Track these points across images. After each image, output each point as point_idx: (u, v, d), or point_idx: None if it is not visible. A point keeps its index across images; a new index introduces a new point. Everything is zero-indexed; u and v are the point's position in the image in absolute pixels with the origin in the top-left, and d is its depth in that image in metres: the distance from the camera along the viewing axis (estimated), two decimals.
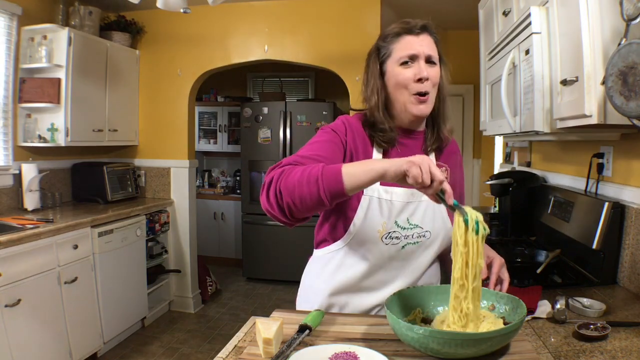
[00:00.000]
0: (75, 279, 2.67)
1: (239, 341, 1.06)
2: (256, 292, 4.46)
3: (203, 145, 5.66)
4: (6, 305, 2.20)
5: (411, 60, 1.15)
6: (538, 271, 1.67)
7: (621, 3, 1.15)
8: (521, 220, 2.36)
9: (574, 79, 1.32)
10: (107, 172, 3.43)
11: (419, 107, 1.17)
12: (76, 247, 2.70)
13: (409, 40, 1.15)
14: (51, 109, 3.08)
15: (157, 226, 3.65)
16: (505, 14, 2.16)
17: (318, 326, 1.07)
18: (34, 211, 2.96)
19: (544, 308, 1.28)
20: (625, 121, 1.17)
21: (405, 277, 1.23)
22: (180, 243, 3.90)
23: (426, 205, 1.21)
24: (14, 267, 2.26)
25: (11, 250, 2.24)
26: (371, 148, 1.21)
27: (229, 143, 5.61)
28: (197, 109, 5.33)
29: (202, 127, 5.65)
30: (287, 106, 4.58)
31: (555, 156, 2.37)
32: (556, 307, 1.22)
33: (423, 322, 1.07)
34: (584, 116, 1.29)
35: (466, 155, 4.63)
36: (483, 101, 2.43)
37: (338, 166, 0.98)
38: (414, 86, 1.15)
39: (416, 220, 1.20)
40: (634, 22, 1.12)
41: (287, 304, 4.00)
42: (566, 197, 1.90)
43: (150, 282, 3.54)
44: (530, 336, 1.10)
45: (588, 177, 1.84)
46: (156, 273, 3.70)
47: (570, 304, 1.32)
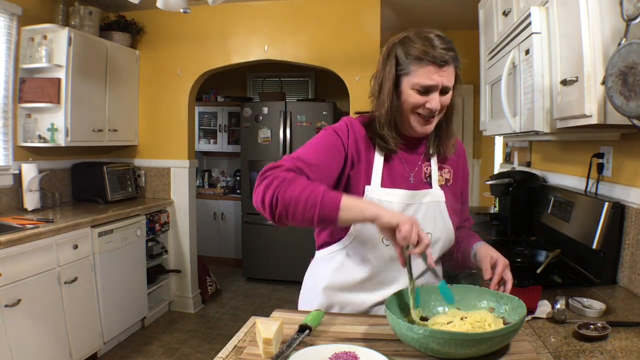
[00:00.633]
0: (75, 279, 2.67)
1: (239, 341, 1.06)
2: (256, 292, 4.46)
3: (203, 145, 5.66)
4: (6, 305, 2.20)
5: (426, 90, 1.11)
6: (538, 271, 1.67)
7: (621, 3, 1.15)
8: (521, 220, 2.36)
9: (574, 79, 1.32)
10: (107, 172, 3.43)
11: (424, 127, 1.18)
12: (76, 247, 2.70)
13: (431, 70, 1.09)
14: (51, 109, 3.08)
15: (157, 226, 3.65)
16: (505, 14, 2.16)
17: (318, 326, 1.07)
18: (34, 211, 2.96)
19: (544, 308, 1.28)
20: (625, 121, 1.17)
21: (405, 279, 1.23)
22: (180, 243, 3.90)
23: (427, 207, 1.21)
24: (14, 267, 2.26)
25: (11, 250, 2.24)
26: (373, 152, 1.21)
27: (229, 143, 5.61)
28: (197, 109, 5.33)
29: (202, 127, 5.65)
30: (287, 106, 4.58)
31: (555, 156, 2.37)
32: (556, 307, 1.22)
33: (423, 320, 1.07)
34: (584, 116, 1.29)
35: (467, 155, 4.62)
36: (483, 101, 2.43)
37: (338, 198, 1.01)
38: (423, 111, 1.14)
39: None
40: (634, 22, 1.12)
41: (287, 304, 4.00)
42: (566, 197, 1.90)
43: (150, 282, 3.54)
44: (530, 336, 1.10)
45: (588, 177, 1.83)
46: (156, 273, 3.70)
47: (570, 304, 1.32)
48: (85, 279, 2.77)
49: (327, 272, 1.28)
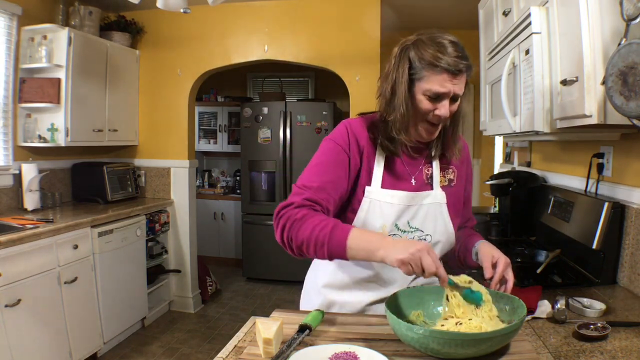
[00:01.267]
0: (75, 279, 2.67)
1: (239, 341, 1.06)
2: (256, 292, 4.46)
3: (203, 145, 5.66)
4: (6, 305, 2.20)
5: (437, 97, 1.10)
6: (538, 271, 1.67)
7: (621, 3, 1.15)
8: (521, 220, 2.35)
9: (574, 79, 1.32)
10: (107, 172, 3.43)
11: (430, 134, 1.18)
12: (76, 247, 2.69)
13: (445, 78, 1.08)
14: (51, 109, 3.08)
15: (157, 226, 3.65)
16: (505, 14, 2.16)
17: (318, 326, 1.07)
18: (34, 211, 2.96)
19: (544, 308, 1.28)
20: (625, 121, 1.17)
21: (406, 278, 1.23)
22: (180, 243, 3.90)
23: (427, 209, 1.21)
24: (14, 267, 2.26)
25: (11, 250, 2.24)
26: (374, 153, 1.20)
27: (229, 143, 5.61)
28: (197, 109, 5.33)
29: (202, 127, 5.65)
30: (287, 106, 4.58)
31: (555, 156, 2.37)
32: (556, 307, 1.22)
33: (423, 323, 1.07)
34: (584, 116, 1.29)
35: (460, 154, 4.62)
36: (483, 101, 2.43)
37: (344, 237, 1.03)
38: (430, 117, 1.13)
39: (417, 223, 1.19)
40: (634, 22, 1.12)
41: (287, 304, 4.00)
42: (566, 197, 1.90)
43: (150, 282, 3.54)
44: (530, 336, 1.10)
45: (588, 177, 1.83)
46: (156, 273, 3.70)
47: (570, 304, 1.32)
48: (85, 279, 2.77)
49: (327, 271, 1.28)
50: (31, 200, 2.97)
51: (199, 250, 4.24)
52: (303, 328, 1.02)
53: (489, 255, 1.17)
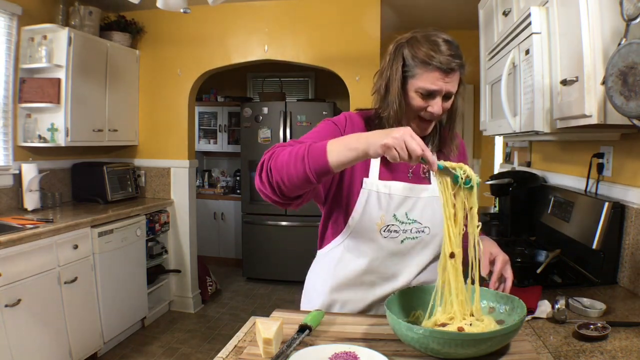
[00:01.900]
0: (75, 279, 2.67)
1: (239, 341, 1.06)
2: (256, 292, 4.46)
3: (203, 145, 5.66)
4: (6, 305, 2.20)
5: (430, 95, 1.12)
6: (538, 271, 1.67)
7: (621, 3, 1.15)
8: (521, 220, 2.36)
9: (574, 79, 1.32)
10: (107, 172, 3.43)
11: (423, 130, 1.19)
12: (76, 247, 2.69)
13: (436, 76, 1.09)
14: (51, 109, 3.08)
15: (157, 226, 3.65)
16: (505, 14, 2.16)
17: (318, 326, 1.07)
18: (34, 211, 2.96)
19: (544, 308, 1.28)
20: (625, 121, 1.17)
21: (405, 273, 1.23)
22: (180, 243, 3.90)
23: (425, 201, 1.21)
24: (14, 267, 2.26)
25: (11, 250, 2.24)
26: None
27: (229, 143, 5.61)
28: (197, 109, 5.33)
29: (202, 127, 5.65)
30: (287, 106, 4.58)
31: (555, 156, 2.37)
32: (556, 307, 1.22)
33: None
34: (584, 116, 1.29)
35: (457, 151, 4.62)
36: (483, 101, 2.43)
37: (323, 143, 0.98)
38: (424, 114, 1.15)
39: (415, 215, 1.20)
40: (634, 22, 1.12)
41: (287, 304, 4.00)
42: (566, 197, 1.90)
43: (150, 282, 3.54)
44: (530, 336, 1.10)
45: (588, 177, 1.83)
46: (156, 273, 3.70)
47: (570, 304, 1.32)
48: (85, 279, 2.77)
49: (327, 269, 1.28)
50: (31, 200, 2.97)
51: (199, 250, 4.24)
52: (303, 328, 1.02)
53: (487, 252, 1.17)
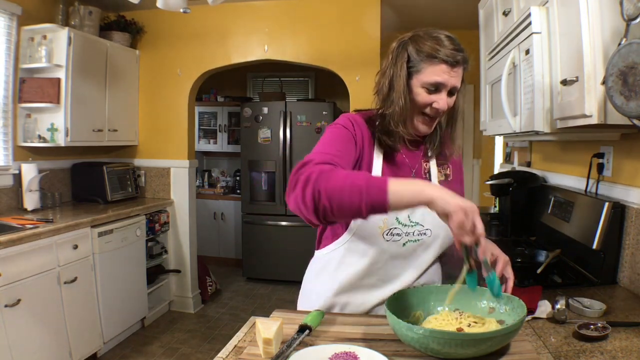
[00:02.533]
0: (75, 279, 2.67)
1: (239, 341, 1.06)
2: (256, 292, 4.46)
3: (203, 145, 5.66)
4: (6, 305, 2.20)
5: (436, 88, 1.12)
6: (538, 271, 1.67)
7: (621, 3, 1.15)
8: (521, 220, 2.35)
9: (574, 79, 1.32)
10: (107, 172, 3.43)
11: (427, 127, 1.19)
12: (76, 247, 2.69)
13: (442, 69, 1.10)
14: (51, 109, 3.08)
15: (157, 226, 3.65)
16: (505, 14, 2.16)
17: (318, 326, 1.07)
18: (34, 211, 2.96)
19: (544, 308, 1.28)
20: (625, 121, 1.17)
21: (406, 276, 1.23)
22: (180, 243, 3.90)
23: None
24: (14, 267, 2.26)
25: (11, 250, 2.24)
26: (373, 148, 1.21)
27: (229, 143, 5.61)
28: (197, 109, 5.33)
29: (202, 127, 5.65)
30: (287, 106, 4.58)
31: (555, 156, 2.37)
32: (556, 307, 1.22)
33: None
34: (584, 116, 1.29)
35: (466, 155, 4.63)
36: (483, 101, 2.43)
37: (384, 179, 0.93)
38: (428, 110, 1.15)
39: (417, 218, 1.20)
40: (634, 22, 1.12)
41: (287, 304, 3.99)
42: (566, 197, 1.90)
43: (150, 282, 3.54)
44: (530, 336, 1.10)
45: (588, 177, 1.83)
46: (156, 273, 3.70)
47: (570, 304, 1.32)
48: (85, 279, 2.77)
49: (327, 272, 1.27)
50: (31, 200, 2.97)
51: (199, 250, 4.24)
52: (303, 328, 1.02)
53: (488, 252, 1.17)
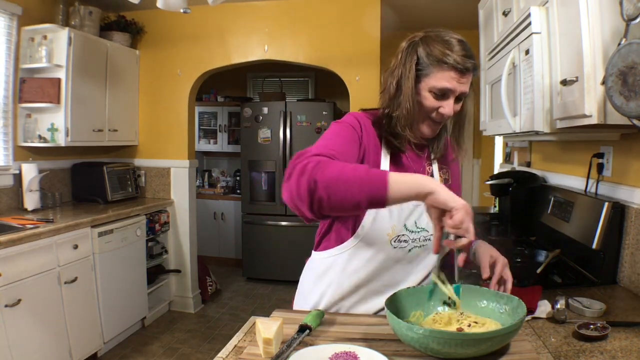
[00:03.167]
0: (75, 279, 2.67)
1: (239, 341, 1.06)
2: (256, 292, 4.46)
3: (203, 145, 5.66)
4: (6, 305, 2.20)
5: (443, 94, 1.10)
6: (538, 271, 1.67)
7: (621, 3, 1.15)
8: (521, 220, 2.35)
9: (574, 79, 1.32)
10: (107, 172, 3.43)
11: (432, 132, 1.18)
12: (76, 247, 2.69)
13: (451, 75, 1.08)
14: (51, 109, 3.08)
15: (157, 226, 3.65)
16: (505, 14, 2.16)
17: (318, 326, 1.07)
18: (34, 211, 2.96)
19: (544, 308, 1.28)
20: (625, 121, 1.17)
21: (409, 280, 1.22)
22: (180, 243, 3.90)
23: None
24: (14, 267, 2.26)
25: (11, 250, 2.24)
26: (380, 150, 1.19)
27: (229, 143, 5.61)
28: (197, 109, 5.33)
29: (202, 127, 5.65)
30: (287, 106, 4.58)
31: (555, 156, 2.37)
32: (556, 307, 1.22)
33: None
34: (584, 116, 1.29)
35: (466, 155, 4.63)
36: (483, 101, 2.43)
37: (383, 172, 0.90)
38: (434, 115, 1.14)
39: (423, 223, 1.18)
40: (634, 22, 1.12)
41: (287, 304, 3.97)
42: (566, 197, 1.90)
43: (150, 282, 3.54)
44: (530, 336, 1.10)
45: (588, 177, 1.83)
46: (156, 273, 3.70)
47: (570, 304, 1.32)
48: (85, 279, 2.77)
49: (328, 277, 1.24)
50: (31, 200, 2.97)
51: (199, 250, 4.24)
52: (303, 328, 1.02)
53: (487, 255, 1.17)
